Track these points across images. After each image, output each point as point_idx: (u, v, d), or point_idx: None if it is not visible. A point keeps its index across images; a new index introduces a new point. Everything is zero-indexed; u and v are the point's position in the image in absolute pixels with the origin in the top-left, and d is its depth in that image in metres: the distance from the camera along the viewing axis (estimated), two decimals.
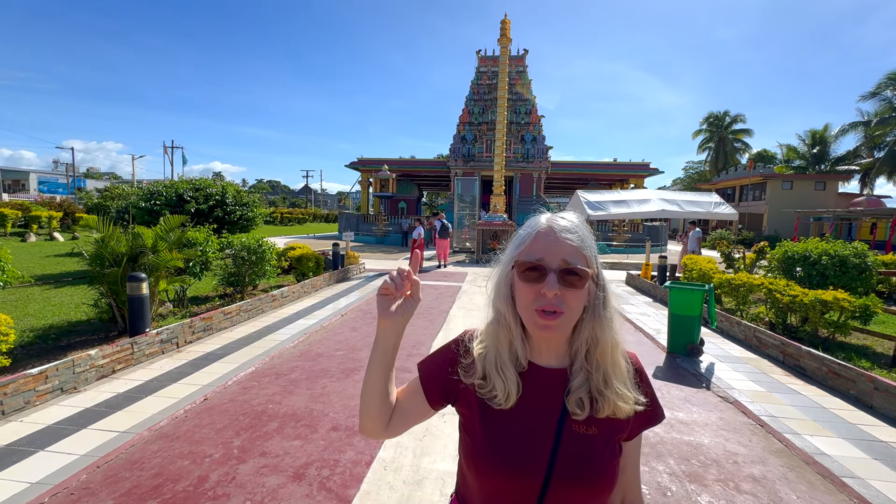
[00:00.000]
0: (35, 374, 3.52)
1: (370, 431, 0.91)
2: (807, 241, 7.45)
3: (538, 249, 0.78)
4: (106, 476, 2.62)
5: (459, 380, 0.87)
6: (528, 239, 0.81)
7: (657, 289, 9.22)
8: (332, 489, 2.57)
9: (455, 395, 0.88)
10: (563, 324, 0.77)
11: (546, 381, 0.84)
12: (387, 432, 0.92)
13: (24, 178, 48.12)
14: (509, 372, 0.82)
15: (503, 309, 0.84)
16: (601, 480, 0.78)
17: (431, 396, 0.90)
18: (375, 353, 0.88)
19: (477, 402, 0.84)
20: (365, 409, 0.90)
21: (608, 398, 0.80)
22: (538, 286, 0.76)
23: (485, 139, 22.39)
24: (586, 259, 0.79)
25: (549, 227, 0.80)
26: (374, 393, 0.88)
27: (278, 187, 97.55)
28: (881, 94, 28.94)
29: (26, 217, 18.01)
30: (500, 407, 0.81)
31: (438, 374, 0.90)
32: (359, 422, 0.92)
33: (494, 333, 0.85)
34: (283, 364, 4.61)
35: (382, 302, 0.86)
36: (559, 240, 0.78)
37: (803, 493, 2.68)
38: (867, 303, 5.19)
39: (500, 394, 0.81)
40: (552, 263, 0.77)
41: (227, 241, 7.54)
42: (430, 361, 0.93)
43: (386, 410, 0.90)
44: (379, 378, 0.88)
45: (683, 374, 4.70)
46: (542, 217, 0.84)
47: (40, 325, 5.50)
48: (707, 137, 44.09)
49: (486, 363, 0.84)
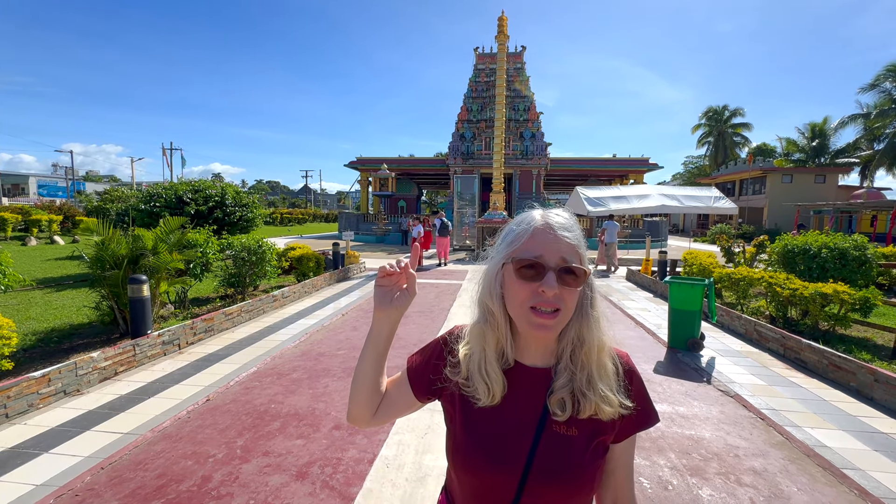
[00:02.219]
0: (38, 377, 3.53)
1: (357, 419, 0.93)
2: (806, 233, 7.45)
3: (536, 246, 0.76)
4: (110, 477, 2.63)
5: (446, 376, 0.87)
6: (524, 235, 0.79)
7: (657, 284, 9.22)
8: (335, 487, 2.58)
9: (440, 391, 0.89)
10: (559, 323, 0.76)
11: (530, 381, 0.84)
12: (373, 421, 0.93)
13: (24, 181, 48.15)
14: (494, 372, 0.82)
15: (493, 307, 0.82)
16: (578, 481, 0.78)
17: (418, 390, 0.91)
18: (369, 343, 0.89)
19: (460, 398, 0.85)
20: (354, 396, 0.91)
21: (590, 399, 0.79)
22: (535, 284, 0.75)
23: (484, 137, 22.36)
24: (581, 257, 0.78)
25: (547, 223, 0.78)
26: (365, 382, 0.90)
27: (278, 188, 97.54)
28: (881, 86, 28.82)
29: (26, 221, 18.04)
30: (484, 405, 0.82)
31: (425, 369, 0.91)
32: (348, 410, 0.94)
33: (481, 333, 0.84)
34: (284, 364, 4.63)
35: (380, 293, 0.87)
36: (558, 237, 0.77)
37: (804, 485, 2.69)
38: (867, 295, 5.19)
39: (483, 396, 0.81)
40: (551, 261, 0.75)
41: (228, 243, 7.55)
42: (419, 355, 0.94)
43: (375, 399, 0.92)
44: (370, 367, 0.90)
45: (684, 369, 4.71)
46: (535, 213, 0.82)
47: (42, 329, 5.52)
48: (706, 132, 44.00)
49: (471, 364, 0.84)
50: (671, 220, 40.99)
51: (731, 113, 42.50)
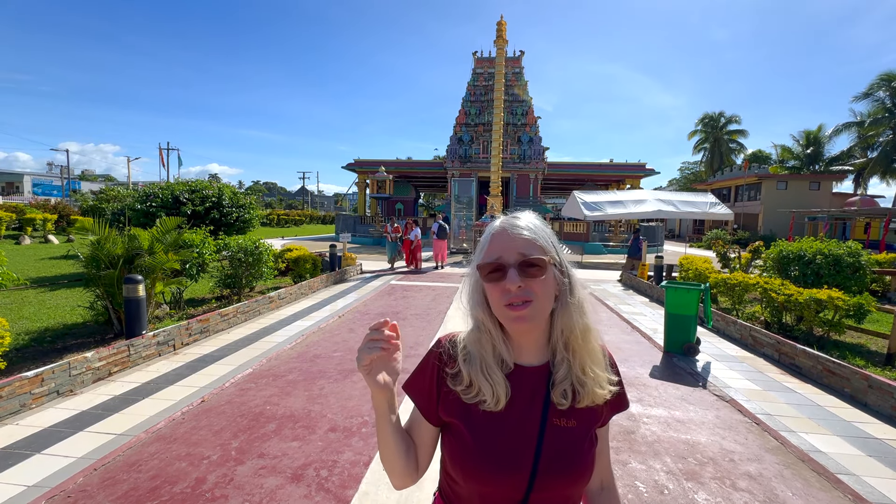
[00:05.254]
0: (31, 376, 3.50)
1: (407, 484, 0.89)
2: (801, 240, 7.50)
3: (495, 250, 0.82)
4: (103, 479, 2.61)
5: (449, 389, 0.86)
6: (486, 243, 0.84)
7: (654, 288, 9.25)
8: (331, 490, 2.57)
9: (444, 404, 0.88)
10: (534, 313, 0.79)
11: (529, 380, 0.85)
12: (420, 473, 0.90)
13: (18, 180, 47.75)
14: (496, 375, 0.83)
15: (480, 315, 0.85)
16: (581, 470, 0.82)
17: (431, 417, 0.89)
18: (382, 421, 0.84)
19: (460, 407, 0.85)
20: (392, 470, 0.87)
21: (587, 386, 0.84)
22: (503, 283, 0.79)
23: (481, 140, 22.43)
24: (542, 248, 0.81)
25: (502, 227, 0.84)
26: (396, 453, 0.85)
27: (275, 189, 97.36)
28: (874, 95, 29.11)
29: (20, 220, 17.87)
30: (490, 409, 0.82)
31: (430, 392, 0.89)
32: (391, 481, 0.89)
33: (477, 340, 0.86)
34: (280, 365, 4.61)
35: (370, 379, 0.81)
36: (512, 236, 0.81)
37: (799, 489, 2.70)
38: (861, 301, 5.23)
39: (489, 398, 0.82)
40: (510, 259, 0.80)
41: (224, 243, 7.52)
42: (416, 381, 0.92)
43: (411, 462, 0.88)
44: (393, 441, 0.85)
45: (680, 373, 4.73)
46: (496, 221, 0.87)
47: (36, 328, 5.47)
48: (702, 138, 44.29)
49: (472, 369, 0.84)
50: (667, 225, 41.20)
51: (727, 120, 42.82)
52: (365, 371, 0.80)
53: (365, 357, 0.80)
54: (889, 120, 28.43)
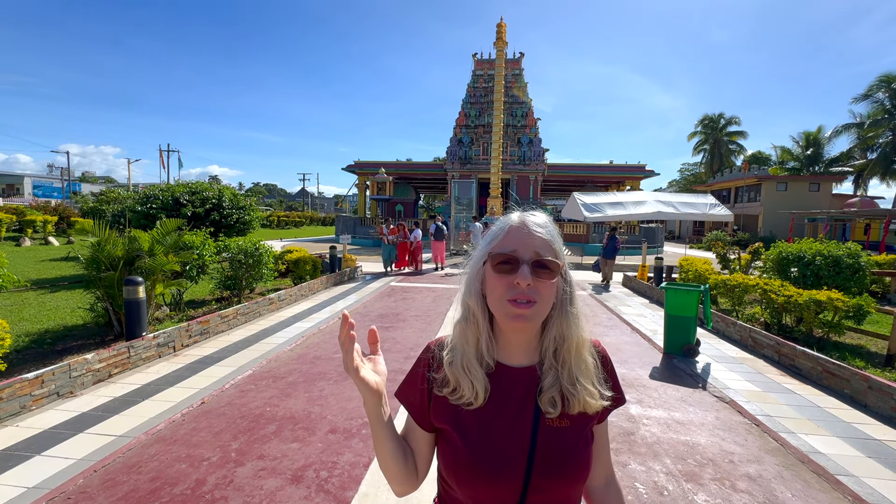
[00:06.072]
0: (31, 378, 3.50)
1: (407, 491, 0.88)
2: (801, 241, 7.51)
3: (511, 242, 0.81)
4: (103, 480, 2.61)
5: (439, 395, 0.86)
6: (500, 234, 0.84)
7: (653, 290, 9.26)
8: (331, 491, 2.57)
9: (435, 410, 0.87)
10: (535, 314, 0.79)
11: (516, 381, 0.85)
12: (420, 479, 0.89)
13: (19, 182, 47.78)
14: (475, 370, 0.83)
15: (473, 305, 0.85)
16: (577, 469, 0.82)
17: (424, 423, 0.89)
18: (376, 425, 0.83)
19: (450, 411, 0.84)
20: (390, 476, 0.86)
21: (577, 396, 0.82)
22: (511, 277, 0.78)
23: (481, 142, 22.46)
24: (556, 252, 0.82)
25: (522, 221, 0.83)
26: (392, 460, 0.85)
27: (275, 191, 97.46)
28: (873, 96, 29.15)
29: (21, 221, 17.89)
30: (471, 407, 0.82)
31: (421, 398, 0.89)
32: (392, 489, 0.89)
33: (462, 332, 0.86)
34: (280, 367, 4.61)
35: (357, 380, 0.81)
36: (531, 233, 0.81)
37: (798, 491, 2.70)
38: (861, 303, 5.23)
39: (467, 392, 0.82)
40: (525, 255, 0.79)
41: (224, 245, 7.52)
42: (406, 388, 0.92)
43: (410, 468, 0.88)
44: (389, 446, 0.84)
45: (680, 375, 4.73)
46: (514, 214, 0.87)
47: (36, 330, 5.48)
48: (702, 139, 44.33)
49: (454, 366, 0.84)
50: (667, 226, 41.20)
51: (726, 121, 42.86)
52: (353, 373, 0.80)
53: (345, 359, 0.81)
54: (889, 121, 28.48)
